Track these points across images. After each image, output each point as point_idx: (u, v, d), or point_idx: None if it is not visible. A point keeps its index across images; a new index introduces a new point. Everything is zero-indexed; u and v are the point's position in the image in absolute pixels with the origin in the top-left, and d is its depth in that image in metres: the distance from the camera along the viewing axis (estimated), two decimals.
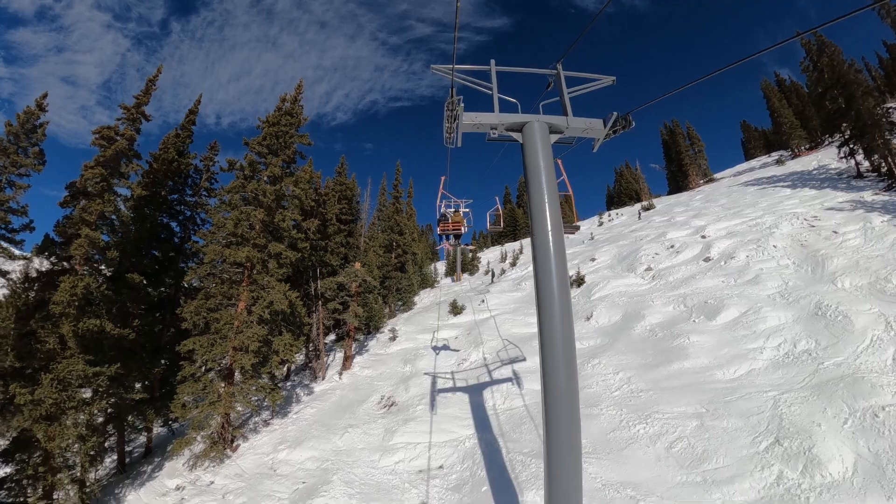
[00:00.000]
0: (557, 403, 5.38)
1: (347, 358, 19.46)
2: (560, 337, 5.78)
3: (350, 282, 18.83)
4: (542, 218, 6.06)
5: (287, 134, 19.67)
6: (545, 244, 5.97)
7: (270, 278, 16.82)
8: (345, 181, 37.15)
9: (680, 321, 16.76)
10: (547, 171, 6.27)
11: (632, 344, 15.86)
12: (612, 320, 17.96)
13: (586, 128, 7.12)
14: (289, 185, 17.74)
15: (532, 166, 6.29)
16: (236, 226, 16.77)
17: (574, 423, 5.31)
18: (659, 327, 16.81)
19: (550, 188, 6.23)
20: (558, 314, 5.73)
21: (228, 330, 16.39)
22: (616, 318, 17.96)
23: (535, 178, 6.25)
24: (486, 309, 23.46)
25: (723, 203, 40.90)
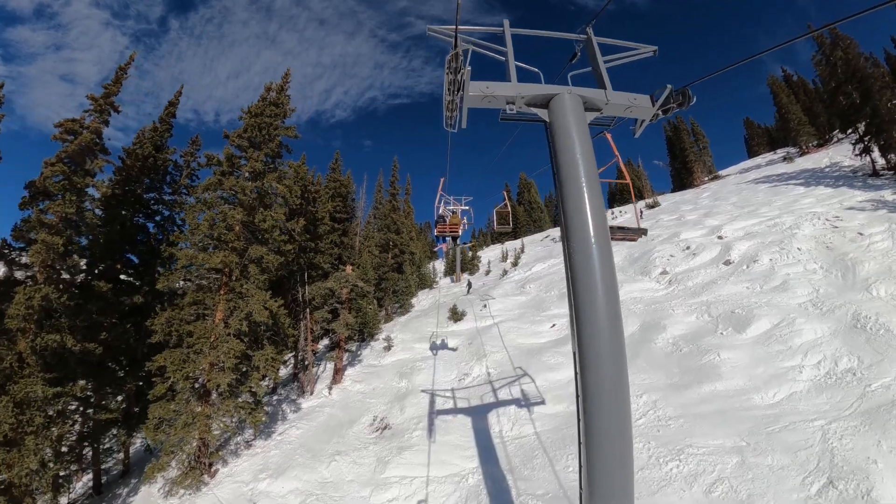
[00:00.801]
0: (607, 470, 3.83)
1: (338, 371, 17.79)
2: (609, 381, 4.10)
3: (340, 287, 17.15)
4: (581, 219, 4.31)
5: (271, 125, 17.91)
6: (586, 255, 4.24)
7: (250, 285, 15.11)
8: (339, 178, 35.34)
9: (706, 333, 15.12)
10: (585, 156, 4.53)
11: (654, 360, 14.21)
12: (628, 330, 16.27)
13: (630, 105, 5.38)
14: (272, 181, 15.99)
15: (565, 152, 4.56)
16: (211, 227, 15.05)
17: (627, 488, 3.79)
18: (683, 340, 15.17)
19: (591, 179, 4.49)
20: (606, 350, 4.07)
21: (203, 344, 14.69)
22: (633, 329, 16.29)
23: (568, 167, 4.51)
24: (488, 315, 21.80)
25: (734, 201, 39.31)
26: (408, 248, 36.25)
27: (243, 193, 15.47)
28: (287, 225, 15.67)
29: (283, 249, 15.54)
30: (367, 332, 22.07)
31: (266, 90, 19.63)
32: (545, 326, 18.29)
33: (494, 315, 21.14)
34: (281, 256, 15.61)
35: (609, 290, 4.10)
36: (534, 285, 24.50)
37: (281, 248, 15.52)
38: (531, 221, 71.47)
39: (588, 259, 4.17)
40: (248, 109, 18.45)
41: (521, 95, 4.71)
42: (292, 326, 17.46)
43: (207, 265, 14.48)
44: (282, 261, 15.58)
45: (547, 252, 40.65)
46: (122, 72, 19.50)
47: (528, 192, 76.47)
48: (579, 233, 4.22)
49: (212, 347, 14.59)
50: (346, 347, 18.88)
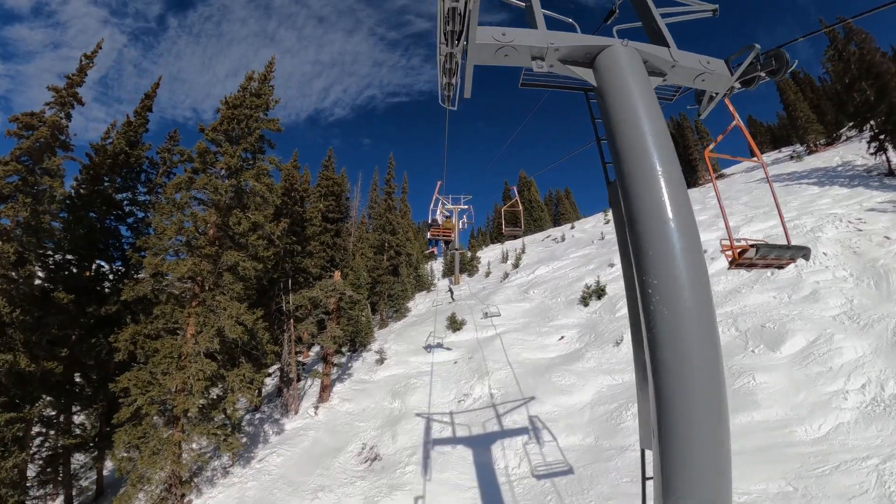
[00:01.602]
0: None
1: (325, 388, 16.17)
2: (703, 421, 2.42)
3: (326, 297, 15.52)
4: (660, 224, 2.73)
5: (251, 117, 16.24)
6: (669, 274, 2.64)
7: (223, 296, 13.46)
8: (332, 175, 33.65)
9: (736, 351, 13.56)
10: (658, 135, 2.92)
11: None
12: None
13: (702, 71, 3.73)
14: (249, 179, 14.33)
15: (626, 128, 2.95)
16: (180, 231, 13.39)
17: None
18: None
19: (670, 166, 2.88)
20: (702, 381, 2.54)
21: (169, 364, 13.05)
22: None
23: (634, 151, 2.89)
24: (489, 324, 20.19)
25: (745, 201, 37.81)
26: (404, 250, 34.62)
27: (216, 193, 13.81)
28: (267, 227, 14.00)
29: (262, 255, 13.90)
30: (360, 341, 20.45)
31: (247, 79, 17.95)
32: (552, 339, 16.68)
33: (496, 324, 19.52)
34: (259, 263, 13.96)
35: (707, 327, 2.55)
36: (538, 291, 22.89)
37: (259, 254, 13.88)
38: (531, 221, 69.84)
39: (673, 281, 2.58)
40: (225, 100, 16.78)
41: (555, 47, 3.09)
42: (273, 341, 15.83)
43: (174, 274, 12.82)
44: (260, 268, 13.93)
45: (549, 253, 39.06)
46: (88, 60, 17.81)
47: (528, 190, 74.79)
48: (658, 241, 2.63)
49: (179, 368, 12.95)
50: (335, 361, 17.28)
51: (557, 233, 53.80)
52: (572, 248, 35.93)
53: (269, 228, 14.11)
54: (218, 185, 13.82)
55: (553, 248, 41.52)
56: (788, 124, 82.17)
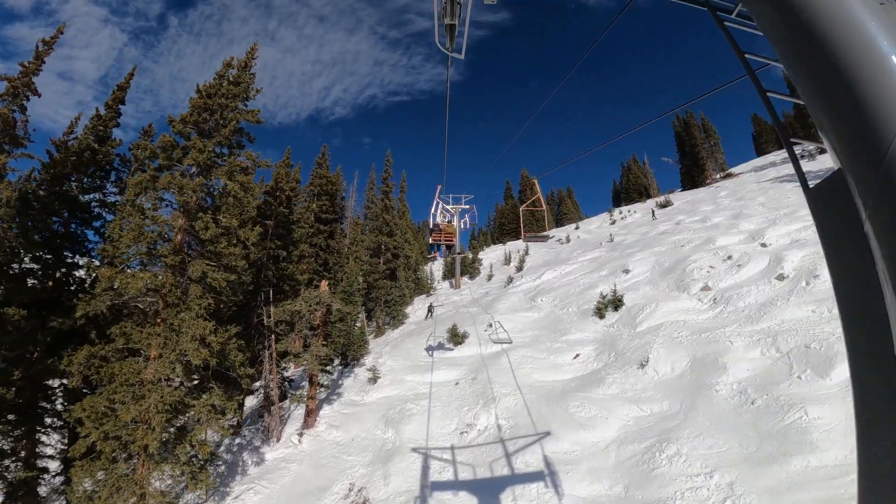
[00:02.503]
0: None
1: (310, 413, 14.38)
2: None
3: (310, 310, 13.70)
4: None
5: (226, 107, 14.39)
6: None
7: (189, 313, 11.63)
8: (326, 174, 31.76)
9: (779, 377, 11.75)
10: None
11: (719, 415, 10.84)
12: (677, 369, 12.88)
13: None
14: (220, 177, 12.50)
15: None
16: (138, 238, 11.56)
17: None
18: (752, 387, 11.78)
19: None
20: None
21: (126, 393, 11.24)
22: (683, 366, 12.91)
23: None
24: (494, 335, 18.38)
25: (761, 202, 35.89)
26: (402, 252, 32.79)
27: (181, 193, 11.97)
28: (240, 233, 12.18)
29: (235, 264, 12.08)
30: (352, 355, 18.65)
31: (225, 66, 16.06)
32: (566, 357, 14.87)
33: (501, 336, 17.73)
34: (232, 273, 12.13)
35: None
36: (546, 298, 21.05)
37: (231, 263, 12.07)
38: (534, 221, 67.95)
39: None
40: (198, 88, 14.93)
41: None
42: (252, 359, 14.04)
43: (129, 289, 10.99)
44: (233, 279, 12.10)
45: (554, 255, 37.21)
46: (47, 47, 16.01)
47: (530, 189, 72.92)
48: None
49: (136, 398, 11.13)
50: (322, 381, 15.49)
51: (561, 234, 51.96)
52: (579, 251, 34.06)
53: (244, 233, 12.27)
54: (183, 183, 11.98)
55: (558, 249, 39.67)
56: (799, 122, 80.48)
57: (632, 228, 39.66)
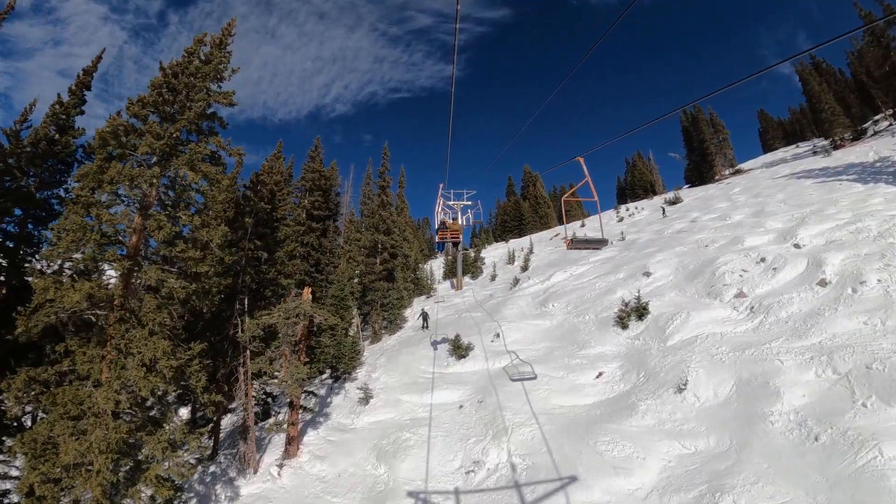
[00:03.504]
0: None
1: (291, 440, 12.46)
2: None
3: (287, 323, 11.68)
4: None
5: (194, 87, 12.36)
6: None
7: (141, 330, 9.66)
8: (319, 168, 29.74)
9: (842, 405, 9.88)
10: None
11: (778, 454, 8.97)
12: (720, 394, 10.95)
13: None
14: (181, 167, 10.50)
15: None
16: (79, 242, 9.58)
17: None
18: (812, 417, 9.87)
19: None
20: None
21: (65, 427, 9.30)
22: (727, 390, 10.98)
23: None
24: (502, 347, 16.44)
25: (781, 198, 33.98)
26: (401, 251, 30.80)
27: (132, 186, 9.97)
28: (202, 233, 10.18)
29: (195, 271, 10.11)
30: (343, 367, 16.71)
31: (196, 42, 13.95)
32: (588, 375, 12.92)
33: (511, 349, 15.75)
34: (192, 281, 10.16)
35: None
36: (559, 304, 19.07)
37: (192, 270, 10.11)
38: (537, 218, 66.00)
39: None
40: (162, 66, 12.88)
41: None
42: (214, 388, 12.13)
43: (64, 303, 9.02)
44: (193, 288, 10.12)
45: (561, 255, 35.22)
46: None
47: (533, 185, 70.89)
48: None
49: (75, 434, 9.19)
50: (304, 405, 13.54)
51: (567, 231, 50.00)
52: (588, 250, 32.09)
53: (207, 234, 10.27)
54: (134, 174, 9.97)
55: (564, 248, 37.69)
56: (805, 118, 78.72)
57: (642, 226, 37.70)
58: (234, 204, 15.19)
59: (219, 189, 10.81)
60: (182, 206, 10.71)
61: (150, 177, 10.44)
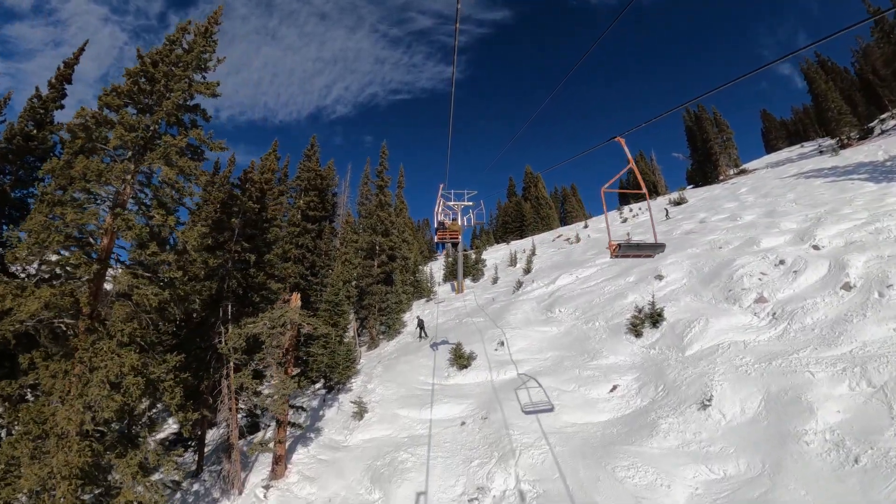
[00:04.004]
0: None
1: (278, 459, 11.47)
2: None
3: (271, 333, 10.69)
4: None
5: (173, 76, 11.43)
6: None
7: (109, 341, 8.70)
8: (315, 167, 28.79)
9: (880, 422, 8.97)
10: None
11: (815, 479, 8.04)
12: (748, 410, 9.97)
13: None
14: (155, 161, 9.55)
15: None
16: (42, 244, 8.62)
17: None
18: (849, 436, 8.92)
19: None
20: None
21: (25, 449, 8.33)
22: (755, 406, 10.01)
23: None
24: (507, 356, 15.44)
25: (792, 198, 33.05)
26: (399, 253, 29.83)
27: (99, 182, 9.02)
28: (178, 235, 9.24)
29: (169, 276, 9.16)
30: (337, 377, 15.73)
31: (179, 30, 13.01)
32: (601, 389, 11.92)
33: (517, 359, 14.74)
34: (164, 288, 9.20)
35: None
36: (566, 309, 18.08)
37: (166, 276, 9.16)
38: (539, 219, 65.02)
39: None
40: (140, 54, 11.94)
41: None
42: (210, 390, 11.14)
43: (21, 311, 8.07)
44: (166, 295, 9.15)
45: (564, 257, 34.24)
46: None
47: (534, 186, 69.94)
48: None
49: (37, 457, 8.22)
50: (293, 422, 12.55)
51: (570, 232, 49.02)
52: (593, 252, 31.11)
53: (181, 235, 9.32)
54: (102, 169, 9.02)
55: (568, 250, 36.71)
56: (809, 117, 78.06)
57: (648, 227, 36.72)
58: (221, 204, 14.25)
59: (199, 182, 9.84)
60: (155, 204, 9.74)
61: (120, 172, 9.49)
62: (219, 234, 13.78)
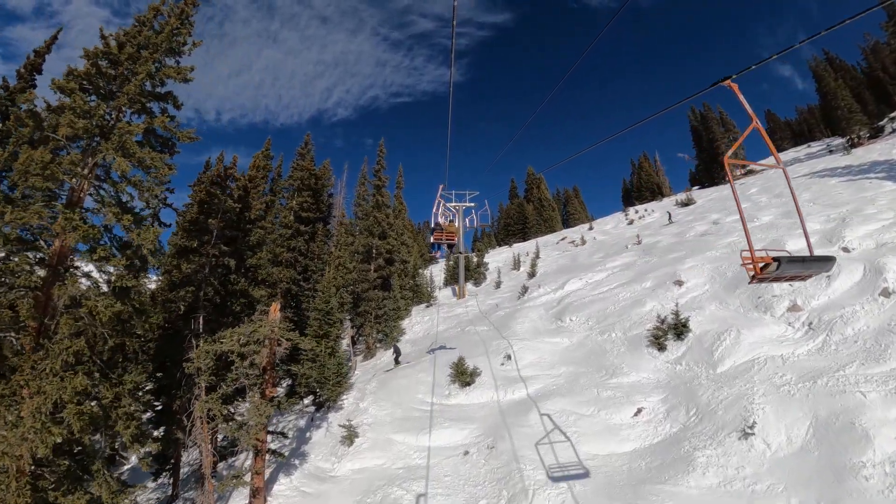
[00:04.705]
0: None
1: (256, 493, 10.09)
2: None
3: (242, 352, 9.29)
4: None
5: (139, 58, 10.15)
6: None
7: (52, 360, 7.37)
8: (309, 166, 27.49)
9: None
10: None
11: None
12: (795, 438, 8.62)
13: None
14: (108, 151, 8.24)
15: None
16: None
17: None
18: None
19: None
20: None
21: None
22: (803, 433, 8.67)
23: None
24: (514, 371, 14.04)
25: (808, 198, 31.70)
26: (398, 256, 28.50)
27: (45, 177, 7.70)
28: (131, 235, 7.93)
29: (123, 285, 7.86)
30: (327, 393, 14.34)
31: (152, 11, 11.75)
32: (624, 413, 10.52)
33: (526, 375, 13.33)
34: (116, 300, 7.88)
35: None
36: (577, 318, 16.70)
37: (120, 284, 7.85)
38: (542, 221, 63.70)
39: None
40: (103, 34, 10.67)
41: None
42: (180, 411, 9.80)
43: None
44: (119, 308, 7.83)
45: (570, 259, 32.87)
46: None
47: (537, 187, 68.64)
48: None
49: None
50: (273, 449, 11.16)
51: (574, 235, 47.67)
52: (600, 255, 29.75)
53: (136, 236, 8.01)
54: (47, 161, 7.71)
55: (574, 252, 35.35)
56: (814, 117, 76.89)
57: (656, 229, 35.37)
58: (198, 203, 12.94)
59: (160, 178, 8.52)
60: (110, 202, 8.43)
61: (70, 165, 8.18)
62: (194, 237, 12.46)
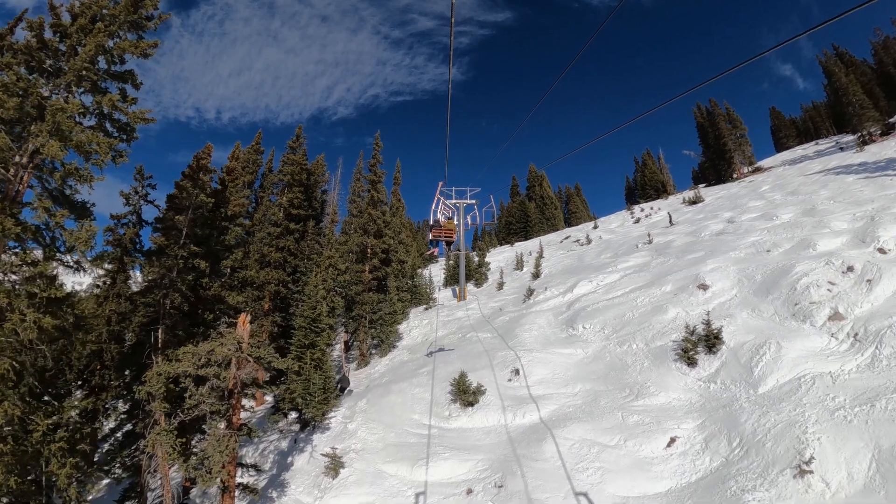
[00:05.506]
0: None
1: None
2: None
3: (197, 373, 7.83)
4: None
5: (91, 31, 8.67)
6: None
7: None
8: (300, 160, 25.94)
9: None
10: None
11: None
12: (856, 475, 7.20)
13: None
14: (41, 135, 6.76)
15: None
16: None
17: None
18: None
19: None
20: None
21: None
22: (864, 468, 7.25)
23: None
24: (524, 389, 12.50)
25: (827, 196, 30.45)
26: (395, 256, 27.01)
27: None
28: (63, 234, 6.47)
29: (50, 296, 6.41)
30: (312, 412, 12.84)
31: None
32: (656, 441, 9.02)
33: (537, 394, 11.74)
34: (46, 313, 6.41)
35: None
36: (591, 325, 15.20)
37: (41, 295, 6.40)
38: (544, 219, 62.21)
39: None
40: (53, 4, 9.19)
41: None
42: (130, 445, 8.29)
43: None
44: (46, 322, 6.36)
45: (576, 260, 31.37)
46: None
47: (539, 185, 67.13)
48: None
49: None
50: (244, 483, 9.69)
51: (578, 233, 46.21)
52: (609, 255, 28.28)
53: (70, 237, 6.55)
54: None
55: (580, 252, 33.86)
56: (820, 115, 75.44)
57: (665, 228, 33.90)
58: (167, 199, 11.45)
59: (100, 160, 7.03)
60: (42, 196, 6.93)
61: None
62: (163, 235, 10.97)
